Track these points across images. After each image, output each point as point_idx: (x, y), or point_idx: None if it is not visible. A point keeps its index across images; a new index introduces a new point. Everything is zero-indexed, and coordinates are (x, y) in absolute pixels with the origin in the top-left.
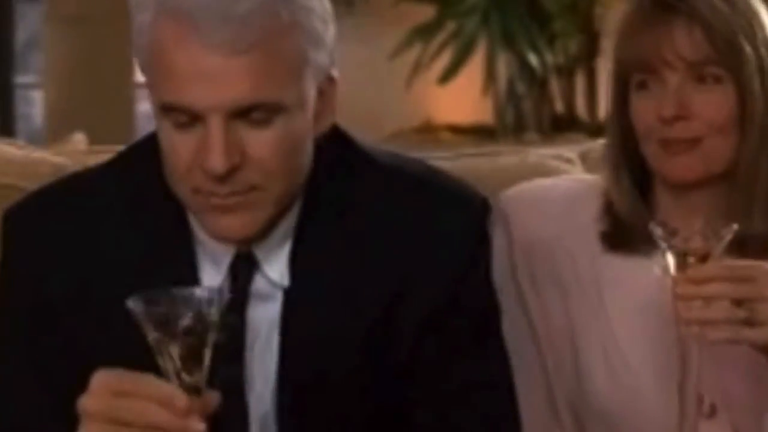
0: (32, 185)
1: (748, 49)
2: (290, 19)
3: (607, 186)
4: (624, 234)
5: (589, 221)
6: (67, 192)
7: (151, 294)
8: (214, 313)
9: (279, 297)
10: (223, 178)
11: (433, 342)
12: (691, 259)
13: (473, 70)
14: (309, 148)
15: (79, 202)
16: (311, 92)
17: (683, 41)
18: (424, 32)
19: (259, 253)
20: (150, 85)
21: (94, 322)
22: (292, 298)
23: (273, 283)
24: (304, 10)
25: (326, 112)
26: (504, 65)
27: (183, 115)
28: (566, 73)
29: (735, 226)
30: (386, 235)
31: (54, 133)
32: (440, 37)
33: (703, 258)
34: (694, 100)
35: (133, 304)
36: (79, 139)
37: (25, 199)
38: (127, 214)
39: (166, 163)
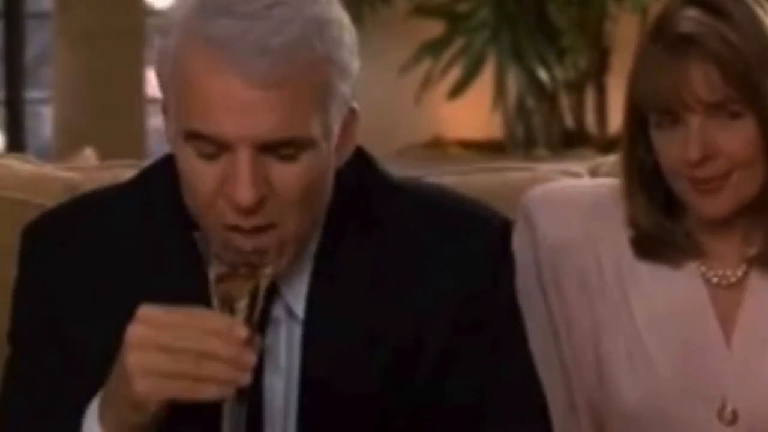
0: (42, 201)
1: (765, 79)
2: (324, 53)
3: (629, 207)
4: (650, 245)
5: (615, 225)
6: (84, 211)
7: None
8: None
9: (292, 324)
10: (251, 210)
11: (457, 363)
12: None
13: (483, 85)
14: (330, 180)
15: (95, 221)
16: (336, 125)
17: (700, 84)
18: (433, 47)
19: (280, 276)
20: (173, 110)
21: (107, 340)
22: (311, 328)
23: (290, 310)
24: (337, 43)
25: (347, 143)
26: (513, 80)
27: (209, 145)
28: (576, 88)
29: None
30: (407, 263)
31: (64, 148)
32: (450, 52)
33: None
34: (718, 138)
35: (201, 238)
36: (88, 155)
37: (42, 217)
38: (141, 234)
39: (187, 189)
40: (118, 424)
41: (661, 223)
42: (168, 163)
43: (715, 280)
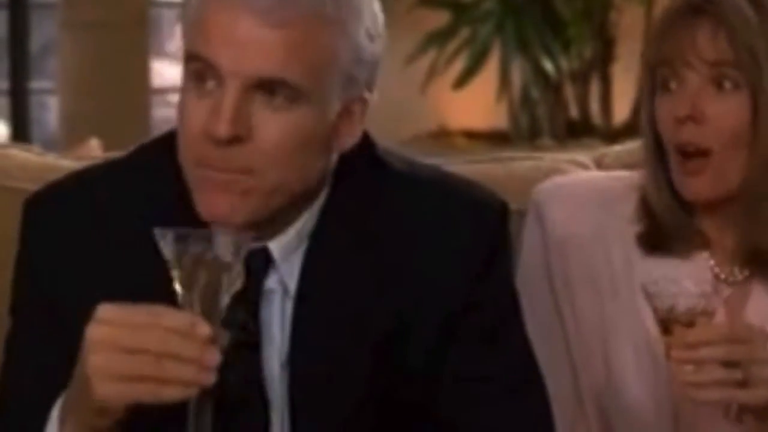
0: None
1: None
2: (335, 14)
3: (645, 183)
4: (659, 233)
5: (624, 221)
6: (84, 185)
7: (179, 231)
8: (235, 255)
9: (284, 298)
10: (224, 146)
11: (452, 345)
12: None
13: (488, 75)
14: (319, 157)
15: (95, 195)
16: (336, 101)
17: (706, 43)
18: (438, 38)
19: (275, 249)
20: (184, 37)
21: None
22: (301, 304)
23: (283, 284)
24: (353, 14)
25: (351, 131)
26: (518, 71)
27: (207, 75)
28: (581, 78)
29: None
30: (405, 245)
31: (69, 139)
32: (455, 42)
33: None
34: (709, 105)
35: (161, 236)
36: (94, 145)
37: (44, 189)
38: (141, 208)
39: (179, 133)
40: (80, 428)
41: (673, 207)
42: (170, 138)
43: (722, 276)
